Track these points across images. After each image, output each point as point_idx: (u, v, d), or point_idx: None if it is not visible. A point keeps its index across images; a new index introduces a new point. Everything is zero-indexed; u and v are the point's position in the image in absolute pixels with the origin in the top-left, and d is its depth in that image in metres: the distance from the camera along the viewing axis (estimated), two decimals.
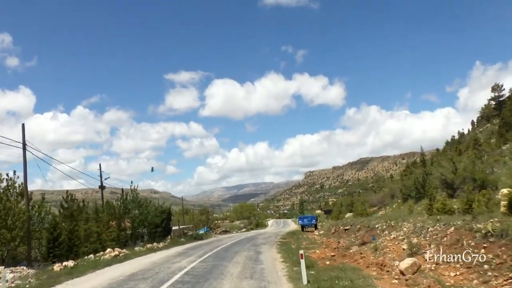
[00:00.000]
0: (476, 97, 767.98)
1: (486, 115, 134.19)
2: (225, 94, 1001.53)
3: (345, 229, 31.65)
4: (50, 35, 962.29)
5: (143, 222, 36.44)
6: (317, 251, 20.89)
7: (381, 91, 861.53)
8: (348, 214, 61.32)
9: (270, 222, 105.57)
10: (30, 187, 23.35)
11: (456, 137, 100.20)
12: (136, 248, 27.56)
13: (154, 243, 31.82)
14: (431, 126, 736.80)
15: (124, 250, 24.34)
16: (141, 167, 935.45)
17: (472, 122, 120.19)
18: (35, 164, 34.08)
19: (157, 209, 39.98)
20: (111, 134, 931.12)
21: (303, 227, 49.61)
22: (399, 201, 52.06)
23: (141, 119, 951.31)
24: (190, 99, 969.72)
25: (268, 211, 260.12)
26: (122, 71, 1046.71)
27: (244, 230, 68.58)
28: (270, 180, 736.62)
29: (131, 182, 39.28)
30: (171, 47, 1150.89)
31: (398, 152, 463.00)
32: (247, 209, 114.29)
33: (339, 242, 26.03)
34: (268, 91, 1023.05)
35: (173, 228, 44.87)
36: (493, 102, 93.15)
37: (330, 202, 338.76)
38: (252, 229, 69.86)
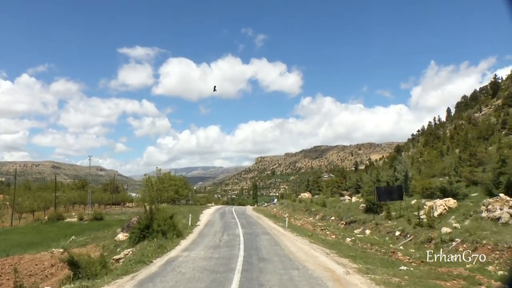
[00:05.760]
0: (427, 96, 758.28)
1: None
2: (180, 74, 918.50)
3: None
4: None
5: None
6: None
7: (338, 83, 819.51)
8: None
9: (209, 212, 41.29)
10: None
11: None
12: None
13: None
14: (383, 121, 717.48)
15: None
16: (89, 143, 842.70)
17: (448, 110, 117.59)
18: None
19: None
20: (58, 107, 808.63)
21: None
22: None
23: (91, 93, 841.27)
24: (144, 76, 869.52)
25: (215, 195, 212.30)
26: (73, 40, 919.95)
27: None
28: (219, 164, 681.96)
29: None
30: (127, 20, 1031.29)
31: (349, 144, 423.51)
32: (173, 184, 57.84)
33: None
34: (224, 74, 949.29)
35: None
36: None
37: (282, 189, 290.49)
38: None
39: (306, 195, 52.21)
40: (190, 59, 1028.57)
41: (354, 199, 35.47)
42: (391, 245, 16.80)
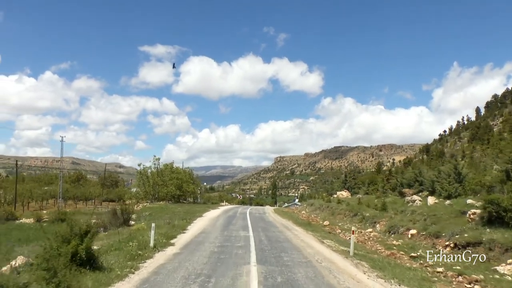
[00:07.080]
0: (449, 98, 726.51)
1: None
2: (200, 72, 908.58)
3: None
4: None
5: None
6: None
7: (359, 84, 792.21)
8: None
9: (211, 216, 28.19)
10: None
11: None
12: None
13: None
14: (404, 123, 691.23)
15: None
16: (110, 140, 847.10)
17: (477, 109, 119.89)
18: None
19: None
20: (80, 104, 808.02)
21: None
22: None
23: (112, 91, 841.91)
24: (165, 74, 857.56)
25: (233, 194, 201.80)
26: (95, 38, 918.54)
27: None
28: (238, 164, 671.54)
29: None
30: (148, 18, 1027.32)
31: (369, 145, 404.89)
32: (174, 178, 46.08)
33: None
34: (245, 73, 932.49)
35: None
36: None
37: (301, 190, 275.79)
38: None
39: (344, 193, 39.37)
40: (211, 58, 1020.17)
41: (430, 200, 22.64)
42: None
